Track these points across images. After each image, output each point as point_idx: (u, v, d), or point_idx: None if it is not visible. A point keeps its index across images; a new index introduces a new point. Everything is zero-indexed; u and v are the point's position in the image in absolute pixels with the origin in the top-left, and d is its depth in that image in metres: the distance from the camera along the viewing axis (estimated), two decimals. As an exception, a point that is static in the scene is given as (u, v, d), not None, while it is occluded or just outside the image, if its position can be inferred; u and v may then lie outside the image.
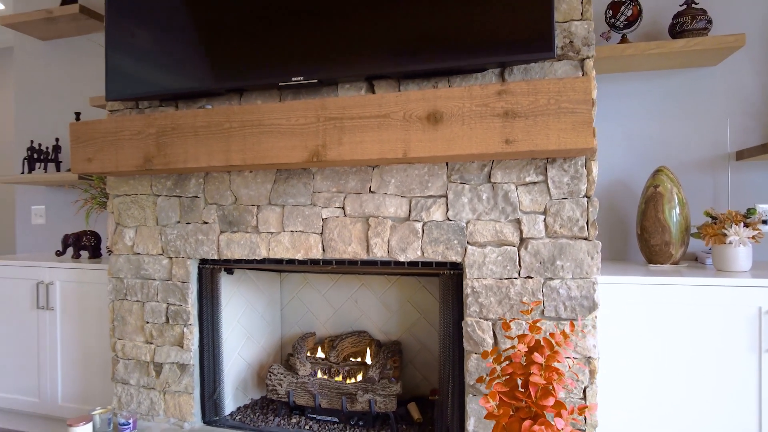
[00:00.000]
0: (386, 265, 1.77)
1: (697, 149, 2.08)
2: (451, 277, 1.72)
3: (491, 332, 1.64)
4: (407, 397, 2.18)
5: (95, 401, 2.27)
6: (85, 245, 2.50)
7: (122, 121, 1.84)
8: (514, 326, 1.61)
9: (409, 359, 2.26)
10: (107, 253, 2.54)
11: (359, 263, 1.80)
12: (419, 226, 1.70)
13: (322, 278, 2.40)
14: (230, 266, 2.04)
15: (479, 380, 1.45)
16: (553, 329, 1.58)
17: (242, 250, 1.92)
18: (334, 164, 1.68)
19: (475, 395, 1.65)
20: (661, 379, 1.59)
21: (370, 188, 1.75)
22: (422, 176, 1.69)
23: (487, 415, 1.32)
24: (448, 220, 1.67)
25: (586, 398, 1.56)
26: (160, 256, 2.04)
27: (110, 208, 2.12)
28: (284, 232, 1.86)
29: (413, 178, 1.70)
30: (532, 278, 1.60)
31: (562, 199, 1.57)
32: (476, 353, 1.65)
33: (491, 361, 1.37)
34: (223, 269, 2.08)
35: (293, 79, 1.71)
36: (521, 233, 1.61)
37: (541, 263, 1.59)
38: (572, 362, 1.52)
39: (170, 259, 2.03)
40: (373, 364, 2.03)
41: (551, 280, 1.59)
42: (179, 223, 2.01)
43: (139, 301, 2.08)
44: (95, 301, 2.27)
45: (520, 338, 1.36)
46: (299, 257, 1.84)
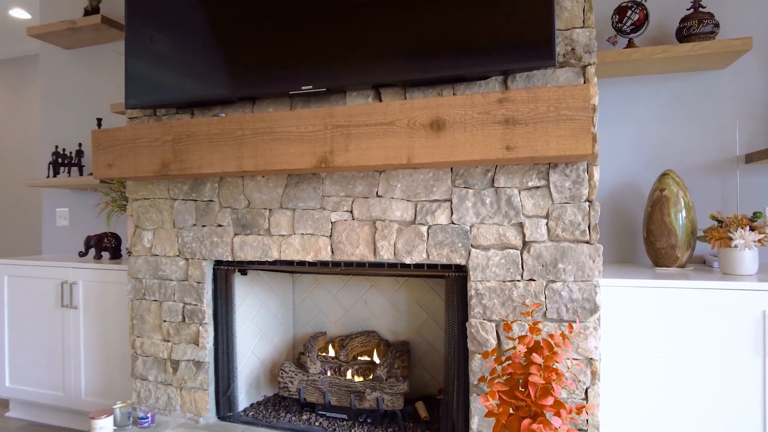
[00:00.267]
0: (393, 267, 1.82)
1: (705, 152, 2.09)
2: (455, 279, 1.77)
3: (495, 333, 1.68)
4: (416, 396, 2.23)
5: (116, 396, 2.37)
6: (106, 246, 2.61)
7: (140, 128, 1.93)
8: (516, 327, 1.64)
9: (417, 359, 2.31)
10: (127, 254, 2.63)
11: (366, 265, 1.86)
12: (424, 229, 1.74)
13: (333, 279, 2.46)
14: (244, 267, 2.11)
15: (481, 380, 1.49)
16: (555, 331, 1.61)
17: (255, 251, 1.99)
18: (341, 170, 1.74)
19: (478, 394, 1.69)
20: (665, 381, 1.61)
21: (377, 192, 1.80)
22: (427, 181, 1.74)
23: (487, 413, 1.36)
24: (452, 223, 1.71)
25: (588, 399, 1.59)
26: (176, 257, 2.13)
27: (129, 211, 2.21)
28: (295, 234, 1.92)
29: (419, 182, 1.75)
30: (534, 281, 1.64)
31: (564, 203, 1.60)
32: (480, 353, 1.69)
33: (492, 361, 1.41)
34: (237, 270, 2.16)
35: (303, 87, 1.77)
36: (524, 237, 1.65)
37: (543, 266, 1.63)
38: (571, 363, 1.55)
39: (186, 260, 2.11)
40: (381, 363, 2.09)
41: (553, 282, 1.62)
42: (195, 225, 2.09)
43: (156, 300, 2.16)
44: (116, 300, 2.37)
45: (520, 339, 1.39)
46: (309, 259, 1.90)
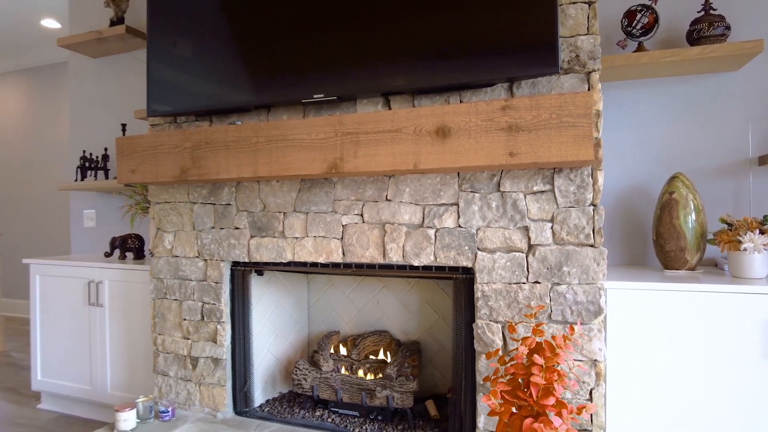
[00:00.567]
0: (402, 269, 1.88)
1: (717, 155, 2.08)
2: (463, 281, 1.81)
3: (501, 334, 1.72)
4: (426, 394, 2.28)
5: (139, 390, 2.48)
6: (130, 247, 2.72)
7: (161, 136, 2.02)
8: (522, 329, 1.68)
9: (428, 359, 2.36)
10: (150, 254, 2.75)
11: (376, 267, 1.91)
12: (432, 232, 1.79)
13: (346, 280, 2.52)
14: (259, 268, 2.19)
15: (485, 379, 1.53)
16: (560, 333, 1.64)
17: (270, 253, 2.07)
18: (350, 175, 1.80)
19: (484, 393, 1.73)
20: (673, 383, 1.62)
21: (386, 196, 1.85)
22: (435, 185, 1.78)
23: (490, 412, 1.41)
24: (459, 227, 1.76)
25: (592, 400, 1.62)
26: (196, 258, 2.22)
27: (151, 214, 2.31)
28: (308, 237, 1.99)
29: (426, 187, 1.79)
30: (539, 283, 1.67)
31: (568, 207, 1.63)
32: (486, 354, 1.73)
33: (494, 361, 1.45)
34: (253, 271, 2.24)
35: (315, 96, 1.83)
36: (529, 240, 1.68)
37: (548, 269, 1.66)
38: (572, 364, 1.58)
39: (205, 261, 2.20)
40: (391, 362, 2.14)
41: (558, 285, 1.65)
42: (213, 228, 2.18)
43: (177, 299, 2.26)
44: (139, 299, 2.48)
45: (522, 340, 1.43)
46: (321, 260, 1.97)
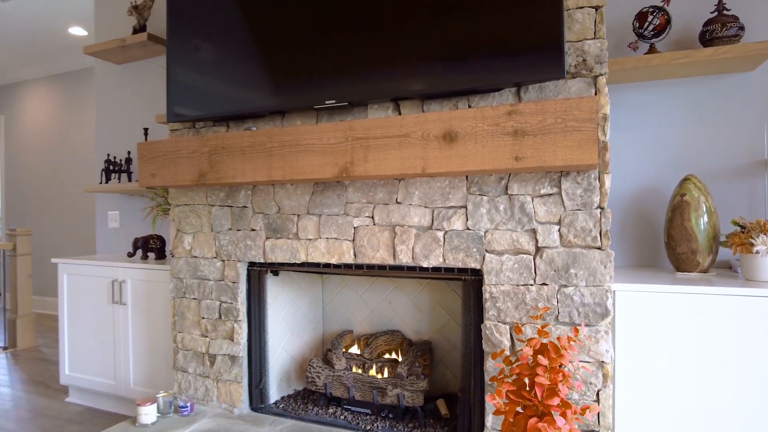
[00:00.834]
0: (411, 270, 1.92)
1: (732, 156, 2.07)
2: (471, 282, 1.84)
3: (508, 335, 1.74)
4: (438, 393, 2.32)
5: (160, 385, 2.57)
6: (152, 248, 2.82)
7: (180, 141, 2.10)
8: (529, 330, 1.70)
9: (439, 358, 2.39)
10: (170, 255, 2.84)
11: (387, 268, 1.96)
12: (441, 234, 1.83)
13: (359, 280, 2.57)
14: (275, 268, 2.26)
15: (492, 379, 1.56)
16: (566, 334, 1.66)
17: (284, 254, 2.13)
18: (360, 179, 1.85)
19: (492, 393, 1.76)
20: (683, 386, 1.63)
21: (396, 199, 1.90)
22: (443, 188, 1.82)
23: (495, 411, 1.44)
24: (467, 229, 1.79)
25: (599, 401, 1.63)
26: (214, 259, 2.30)
27: (172, 216, 2.40)
28: (320, 238, 2.04)
29: (435, 190, 1.83)
30: (547, 285, 1.69)
31: (575, 210, 1.65)
32: (494, 354, 1.76)
33: (500, 361, 1.48)
34: (269, 271, 2.30)
35: (327, 102, 1.89)
36: (536, 242, 1.71)
37: (555, 271, 1.68)
38: (577, 365, 1.59)
39: (223, 261, 2.28)
40: (402, 361, 2.18)
41: (565, 287, 1.67)
42: (231, 230, 2.25)
43: (196, 298, 2.34)
44: (160, 297, 2.57)
45: (527, 341, 1.46)
46: (333, 261, 2.02)
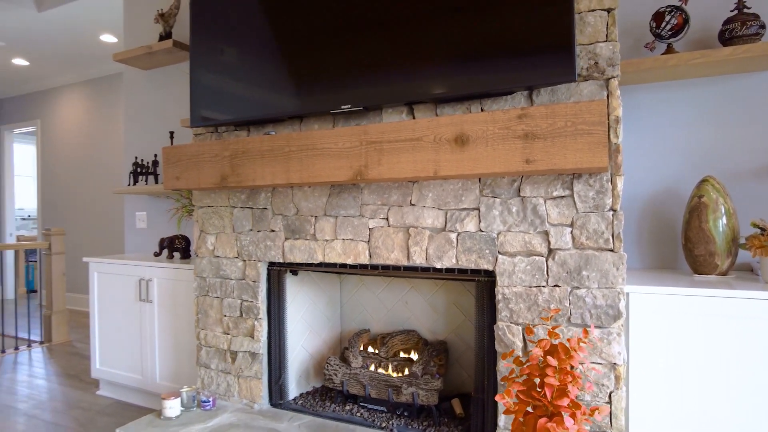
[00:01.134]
0: (425, 271, 1.95)
1: (752, 157, 2.03)
2: (485, 283, 1.86)
3: (521, 336, 1.76)
4: (453, 393, 2.34)
5: (184, 380, 2.67)
6: (177, 247, 2.92)
7: (202, 145, 2.18)
8: (541, 331, 1.72)
9: (455, 358, 2.41)
10: (194, 254, 2.94)
11: (401, 269, 1.99)
12: (454, 236, 1.85)
13: (375, 281, 2.62)
14: (293, 268, 2.32)
15: (503, 379, 1.58)
16: (579, 335, 1.67)
17: (302, 254, 2.19)
18: (374, 181, 1.89)
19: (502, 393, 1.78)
20: (699, 390, 1.62)
21: (410, 201, 1.93)
22: (456, 191, 1.85)
23: (505, 410, 1.46)
24: (480, 231, 1.81)
25: (611, 403, 1.63)
26: (235, 259, 2.37)
27: (195, 217, 2.49)
28: (337, 239, 2.10)
29: (448, 192, 1.86)
30: (559, 287, 1.70)
31: (588, 212, 1.66)
32: (507, 355, 1.78)
33: (510, 362, 1.51)
34: (288, 271, 2.37)
35: (342, 107, 1.94)
36: (549, 244, 1.72)
37: (567, 273, 1.69)
38: (587, 366, 1.60)
39: (244, 261, 2.35)
40: (417, 360, 2.22)
41: (578, 289, 1.68)
42: (251, 230, 2.33)
43: (218, 297, 2.42)
44: (185, 296, 2.66)
45: (538, 342, 1.48)
46: (349, 262, 2.07)
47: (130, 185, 3.38)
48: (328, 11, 1.98)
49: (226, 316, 2.40)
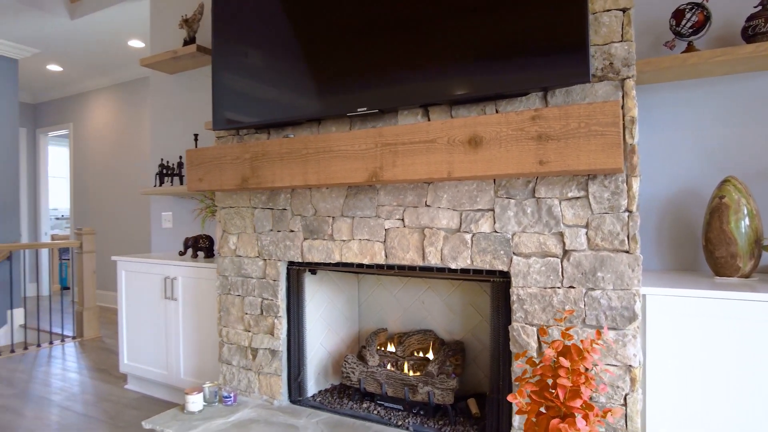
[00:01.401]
0: (441, 271, 1.97)
1: (778, 156, 1.99)
2: (500, 284, 1.87)
3: (535, 337, 1.76)
4: (470, 393, 2.35)
5: (207, 376, 2.75)
6: (201, 247, 3.01)
7: (224, 148, 2.24)
8: (556, 332, 1.72)
9: (471, 358, 2.42)
10: (217, 254, 3.02)
11: (417, 269, 2.02)
12: (469, 237, 1.87)
13: (393, 280, 2.65)
14: (312, 268, 2.37)
15: (517, 380, 1.59)
16: (593, 337, 1.66)
17: (320, 254, 2.23)
18: (389, 183, 1.92)
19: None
20: (718, 394, 1.60)
21: (425, 202, 1.95)
22: (471, 192, 1.86)
23: (517, 410, 1.47)
24: (495, 232, 1.82)
25: (627, 405, 1.63)
26: (256, 258, 2.43)
27: (218, 218, 2.56)
28: (354, 239, 2.13)
29: (463, 193, 1.87)
30: (574, 288, 1.70)
31: (603, 213, 1.65)
32: (521, 355, 1.78)
33: (522, 362, 1.51)
34: (307, 270, 2.42)
35: (359, 109, 1.97)
36: (564, 245, 1.72)
37: (582, 274, 1.69)
38: (601, 368, 1.59)
39: (264, 261, 2.41)
40: (433, 360, 2.24)
41: (593, 290, 1.67)
42: (272, 231, 2.38)
43: (240, 295, 2.49)
44: (208, 294, 2.74)
45: (551, 344, 1.48)
46: (366, 262, 2.10)
47: (156, 186, 3.49)
48: (346, 15, 2.02)
49: (247, 314, 2.47)
